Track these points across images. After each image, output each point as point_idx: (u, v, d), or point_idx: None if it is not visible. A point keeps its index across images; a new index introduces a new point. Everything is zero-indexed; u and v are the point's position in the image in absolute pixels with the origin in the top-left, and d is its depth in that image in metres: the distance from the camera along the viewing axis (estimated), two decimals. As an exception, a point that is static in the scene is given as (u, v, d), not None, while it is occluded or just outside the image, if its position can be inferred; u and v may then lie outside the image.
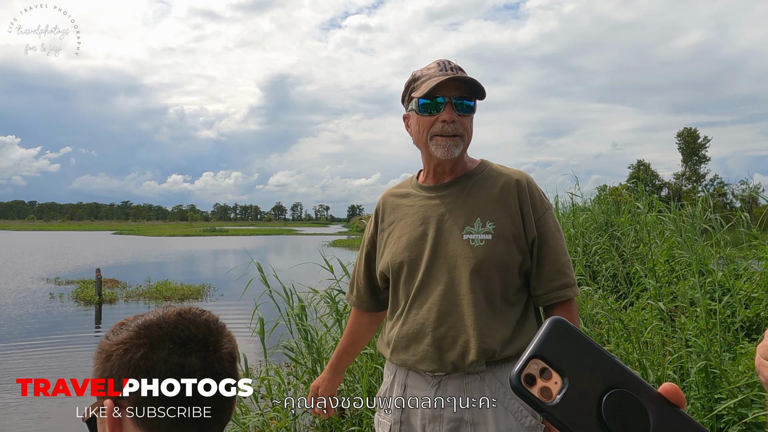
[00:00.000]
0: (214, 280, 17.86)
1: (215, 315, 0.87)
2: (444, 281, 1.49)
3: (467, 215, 1.51)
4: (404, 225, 1.60)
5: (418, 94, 1.50)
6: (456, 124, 1.49)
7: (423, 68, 1.56)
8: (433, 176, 1.61)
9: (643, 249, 5.62)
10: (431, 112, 1.50)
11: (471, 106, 1.52)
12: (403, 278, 1.57)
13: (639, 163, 49.50)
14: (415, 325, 1.52)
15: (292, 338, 4.39)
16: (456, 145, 1.50)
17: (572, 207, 7.48)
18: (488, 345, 1.45)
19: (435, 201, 1.57)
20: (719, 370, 2.87)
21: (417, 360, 1.51)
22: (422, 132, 1.53)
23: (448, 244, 1.51)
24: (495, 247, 1.48)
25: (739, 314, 4.01)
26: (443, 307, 1.49)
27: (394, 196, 1.69)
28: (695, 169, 50.16)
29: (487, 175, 1.57)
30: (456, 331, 1.47)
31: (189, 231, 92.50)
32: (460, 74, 1.50)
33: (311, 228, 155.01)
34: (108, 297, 14.44)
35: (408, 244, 1.56)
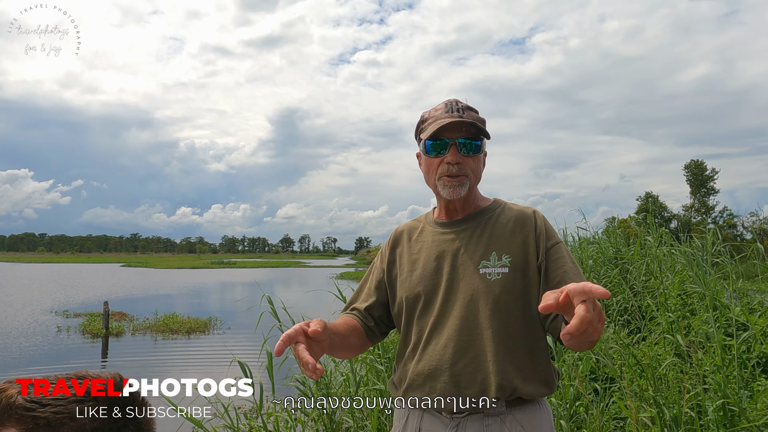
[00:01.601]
0: (221, 312, 17.81)
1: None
2: (460, 316, 1.47)
3: (483, 250, 1.51)
4: (418, 259, 1.59)
5: (425, 136, 1.54)
6: (461, 165, 1.52)
7: (432, 109, 1.59)
8: (446, 213, 1.62)
9: (654, 282, 5.56)
10: (437, 154, 1.53)
11: (478, 146, 1.53)
12: (418, 312, 1.54)
13: (647, 195, 49.33)
14: (431, 361, 1.48)
15: (300, 373, 4.34)
16: (461, 185, 1.52)
17: (580, 240, 7.45)
18: (508, 381, 1.42)
19: (449, 236, 1.58)
20: (738, 409, 2.80)
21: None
22: (430, 173, 1.57)
23: (464, 278, 1.49)
24: (512, 280, 1.47)
25: (755, 350, 3.94)
26: (460, 342, 1.46)
27: (408, 230, 1.69)
28: (704, 201, 49.89)
29: (500, 212, 1.59)
30: (474, 367, 1.44)
31: (197, 263, 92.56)
32: (466, 116, 1.52)
33: (319, 260, 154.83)
34: (115, 330, 14.39)
35: (422, 278, 1.55)
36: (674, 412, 2.90)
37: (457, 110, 1.53)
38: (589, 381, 4.04)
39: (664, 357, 3.68)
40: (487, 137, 1.56)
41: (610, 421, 3.48)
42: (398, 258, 1.65)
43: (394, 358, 1.68)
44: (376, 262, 1.74)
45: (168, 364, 10.62)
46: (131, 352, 11.96)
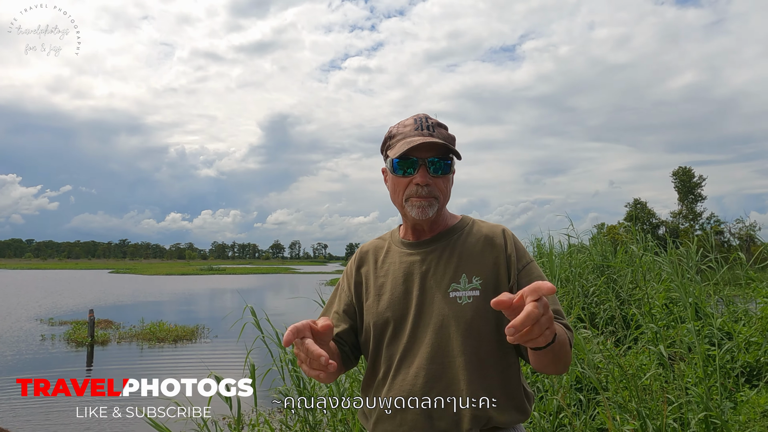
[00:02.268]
0: (209, 320, 17.66)
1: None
2: (431, 343, 1.40)
3: (452, 272, 1.45)
4: (385, 282, 1.51)
5: (393, 154, 1.46)
6: (431, 186, 1.44)
7: (400, 124, 1.51)
8: (413, 233, 1.55)
9: (640, 291, 5.57)
10: (405, 173, 1.45)
11: (448, 166, 1.46)
12: (387, 339, 1.47)
13: (636, 201, 49.75)
14: (402, 391, 1.41)
15: (284, 386, 4.29)
16: (430, 206, 1.45)
17: (569, 247, 7.45)
18: (483, 411, 1.37)
19: (417, 257, 1.51)
20: (720, 421, 2.79)
21: (405, 431, 1.40)
22: (397, 192, 1.49)
23: (434, 302, 1.43)
24: (484, 303, 1.40)
25: (739, 359, 3.94)
26: (432, 370, 1.39)
27: (375, 250, 1.61)
28: (691, 208, 50.36)
29: (468, 231, 1.53)
30: (446, 396, 1.38)
31: (186, 270, 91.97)
32: (436, 134, 1.45)
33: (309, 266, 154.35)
34: (101, 338, 14.22)
35: (390, 303, 1.47)
36: (657, 424, 2.89)
37: (426, 127, 1.46)
38: (574, 391, 4.02)
39: (648, 367, 3.67)
40: (458, 157, 1.48)
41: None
42: (364, 279, 1.57)
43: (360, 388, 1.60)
44: (342, 284, 1.64)
45: (153, 373, 10.50)
46: (116, 361, 11.81)
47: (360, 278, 1.59)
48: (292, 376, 4.23)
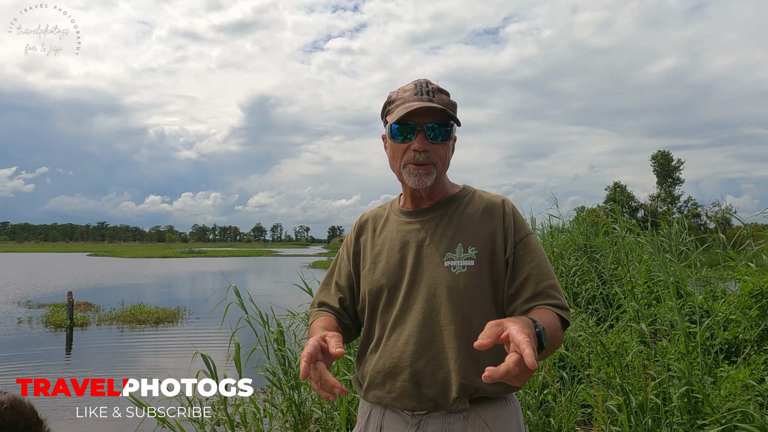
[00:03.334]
0: (190, 302, 17.53)
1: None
2: (422, 311, 1.40)
3: (448, 241, 1.44)
4: (382, 250, 1.51)
5: (392, 119, 1.43)
6: (428, 152, 1.41)
7: (400, 89, 1.49)
8: (411, 201, 1.53)
9: (622, 271, 5.64)
10: (404, 139, 1.43)
11: (447, 132, 1.43)
12: (381, 306, 1.47)
13: (615, 185, 50.32)
14: (392, 358, 1.41)
15: (269, 364, 4.27)
16: (428, 174, 1.42)
17: (551, 228, 7.50)
18: (471, 381, 1.36)
19: (414, 226, 1.49)
20: (701, 395, 2.84)
21: (394, 397, 1.40)
22: (396, 159, 1.47)
23: (428, 270, 1.42)
24: (478, 273, 1.39)
25: (718, 336, 4.01)
26: (422, 338, 1.39)
27: (373, 219, 1.61)
28: (670, 191, 51.11)
29: (468, 201, 1.51)
30: (435, 365, 1.37)
31: (166, 252, 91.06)
32: (435, 99, 1.42)
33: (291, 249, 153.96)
34: (80, 321, 14.04)
35: (386, 271, 1.47)
36: (640, 399, 2.93)
37: (426, 92, 1.43)
38: (558, 369, 4.07)
39: (630, 345, 3.72)
40: (458, 123, 1.45)
41: (578, 409, 3.51)
42: (362, 248, 1.58)
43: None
44: (341, 254, 1.65)
45: (135, 355, 10.40)
46: (96, 344, 11.68)
47: (359, 247, 1.60)
48: (277, 355, 4.22)
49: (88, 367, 9.21)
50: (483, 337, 1.01)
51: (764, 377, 3.07)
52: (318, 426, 3.84)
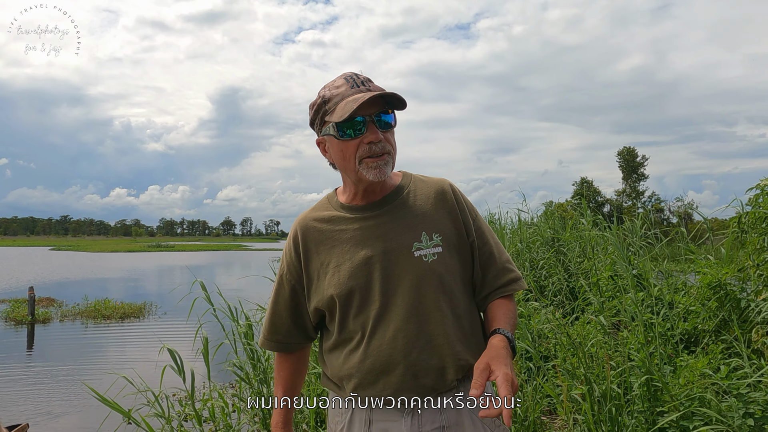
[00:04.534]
0: (158, 297, 17.22)
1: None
2: (404, 304, 1.39)
3: (411, 230, 1.43)
4: (341, 252, 1.46)
5: (337, 118, 1.36)
6: (383, 142, 1.38)
7: (330, 86, 1.42)
8: (363, 196, 1.48)
9: (588, 264, 5.76)
10: (352, 135, 1.37)
11: (390, 122, 1.41)
12: (354, 308, 1.43)
13: (583, 180, 51.20)
14: (381, 356, 1.40)
15: (237, 358, 4.23)
16: (386, 164, 1.40)
17: (519, 223, 7.61)
18: (465, 360, 1.41)
19: (371, 221, 1.46)
20: (661, 384, 2.92)
21: (391, 393, 1.39)
22: (348, 158, 1.40)
23: (400, 264, 1.41)
24: (448, 258, 1.43)
25: (678, 327, 4.14)
26: (410, 331, 1.39)
27: (317, 221, 1.52)
28: (635, 187, 52.26)
29: (415, 187, 1.52)
30: (428, 354, 1.39)
31: (132, 247, 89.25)
32: (372, 88, 1.40)
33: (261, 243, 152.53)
34: (42, 317, 13.66)
35: (352, 272, 1.42)
36: (603, 388, 3.00)
37: (361, 83, 1.39)
38: (525, 360, 4.14)
39: (594, 336, 3.81)
40: (403, 107, 1.40)
41: (543, 399, 3.58)
42: (314, 255, 1.50)
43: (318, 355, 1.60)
44: (284, 269, 1.56)
45: (100, 351, 10.18)
46: (59, 340, 11.39)
47: (309, 254, 1.51)
48: (245, 349, 4.18)
49: (50, 363, 8.98)
50: (475, 386, 1.14)
51: (721, 366, 3.18)
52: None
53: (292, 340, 1.59)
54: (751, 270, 3.98)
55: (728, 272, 4.05)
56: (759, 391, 2.84)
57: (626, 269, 4.10)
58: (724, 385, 2.95)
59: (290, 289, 1.55)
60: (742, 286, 3.99)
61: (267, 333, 1.62)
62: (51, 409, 6.54)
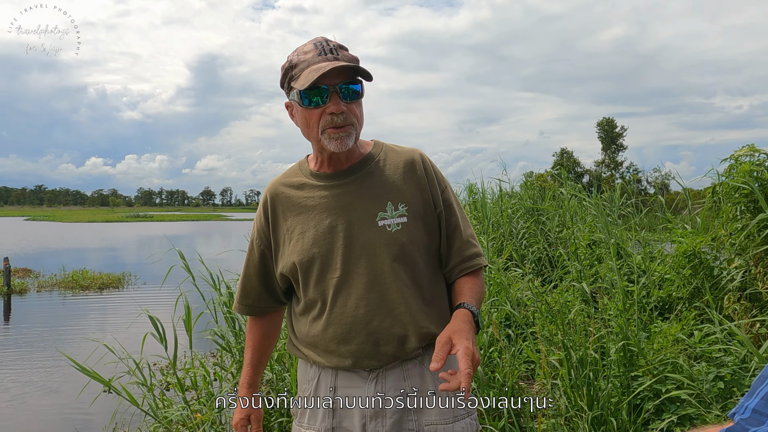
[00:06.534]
0: (137, 267, 17.08)
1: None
2: (366, 273, 1.41)
3: (377, 200, 1.44)
4: (306, 219, 1.47)
5: (300, 86, 1.35)
6: (346, 113, 1.37)
7: (299, 51, 1.40)
8: (329, 164, 1.49)
9: (567, 233, 5.83)
10: (317, 104, 1.36)
11: (358, 91, 1.39)
12: (315, 276, 1.45)
13: (563, 150, 51.57)
14: (343, 324, 1.42)
15: (218, 327, 4.23)
16: (348, 135, 1.39)
17: (500, 192, 7.65)
18: (427, 329, 1.43)
19: (337, 190, 1.46)
20: (636, 349, 3.00)
21: (353, 360, 1.42)
22: (311, 126, 1.40)
23: (363, 233, 1.42)
24: (413, 228, 1.43)
25: (654, 295, 4.23)
26: (371, 300, 1.41)
27: (287, 187, 1.53)
28: (613, 157, 52.80)
29: (385, 156, 1.51)
30: (389, 323, 1.41)
31: (110, 217, 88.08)
32: (341, 56, 1.37)
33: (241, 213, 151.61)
34: (18, 287, 13.48)
35: (316, 239, 1.44)
36: (580, 354, 3.07)
37: (330, 51, 1.37)
38: (504, 327, 4.21)
39: (573, 303, 3.88)
40: (369, 78, 1.38)
41: (521, 365, 3.65)
42: (282, 220, 1.51)
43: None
44: (255, 233, 1.58)
45: (79, 322, 10.11)
46: (37, 311, 11.27)
47: (277, 220, 1.53)
48: (226, 318, 4.18)
49: (29, 335, 8.90)
50: (436, 359, 1.17)
51: (693, 331, 3.27)
52: (269, 387, 3.86)
53: (262, 304, 1.63)
54: (724, 239, 4.06)
55: (703, 241, 4.13)
56: (730, 355, 2.93)
57: (607, 237, 4.16)
58: (698, 349, 3.04)
59: (260, 254, 1.57)
60: (715, 255, 4.07)
61: (239, 297, 1.65)
62: (30, 378, 6.51)
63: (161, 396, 4.04)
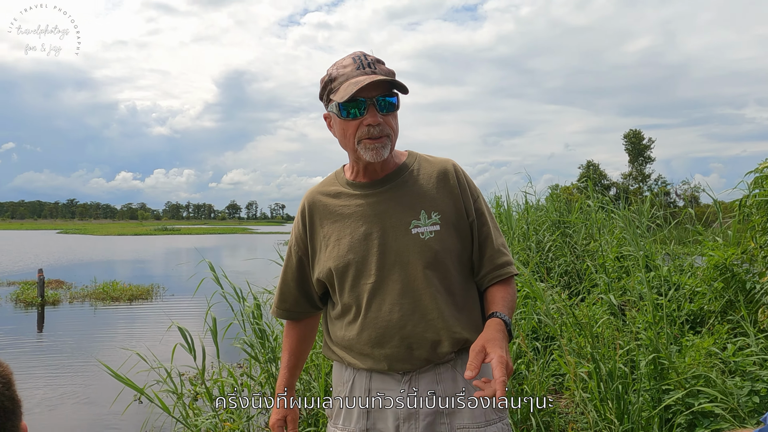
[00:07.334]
0: (164, 279, 17.36)
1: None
2: (400, 279, 1.45)
3: (411, 209, 1.48)
4: (343, 226, 1.52)
5: (338, 98, 1.40)
6: (382, 125, 1.42)
7: (338, 65, 1.46)
8: (365, 174, 1.53)
9: (594, 246, 5.77)
10: (354, 115, 1.41)
11: (394, 104, 1.44)
12: (350, 281, 1.49)
13: (589, 163, 50.90)
14: (377, 328, 1.46)
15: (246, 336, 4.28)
16: (384, 146, 1.43)
17: (526, 205, 7.61)
18: (459, 335, 1.46)
19: (373, 199, 1.51)
20: (668, 362, 2.95)
21: (387, 363, 1.46)
22: (348, 137, 1.45)
23: (397, 240, 1.46)
24: (446, 236, 1.47)
25: (684, 308, 4.16)
26: (405, 305, 1.45)
27: (324, 195, 1.58)
28: (641, 170, 51.91)
29: (419, 166, 1.55)
30: (423, 327, 1.44)
31: (139, 230, 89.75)
32: (378, 71, 1.42)
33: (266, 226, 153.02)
34: (51, 298, 13.81)
35: (351, 246, 1.49)
36: (609, 367, 3.03)
37: (368, 65, 1.42)
38: (531, 340, 4.18)
39: (600, 316, 3.83)
40: (405, 91, 1.44)
41: (549, 378, 3.61)
42: (319, 228, 1.56)
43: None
44: (293, 240, 1.64)
45: (109, 331, 10.31)
46: (69, 321, 11.53)
47: (314, 227, 1.58)
48: (254, 329, 4.23)
49: (62, 344, 9.11)
50: (470, 367, 1.19)
51: (728, 344, 3.20)
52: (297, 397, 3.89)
53: (299, 308, 1.68)
54: (755, 252, 3.98)
55: (734, 254, 4.05)
56: (765, 369, 2.87)
57: (635, 250, 4.11)
58: (731, 363, 2.98)
59: (297, 260, 1.63)
60: (747, 268, 3.99)
61: (277, 301, 1.70)
62: (61, 384, 6.65)
63: (191, 405, 4.10)
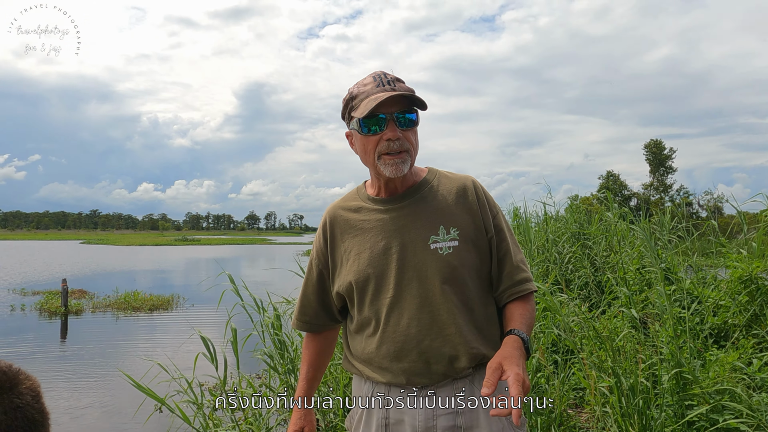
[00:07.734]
0: (185, 290, 17.53)
1: (7, 362, 0.99)
2: (418, 294, 1.47)
3: (429, 224, 1.50)
4: (363, 240, 1.54)
5: (359, 114, 1.44)
6: (401, 140, 1.45)
7: (359, 84, 1.51)
8: (385, 190, 1.56)
9: (614, 258, 5.70)
10: (375, 131, 1.45)
11: (413, 120, 1.47)
12: (370, 295, 1.51)
13: (608, 173, 50.35)
14: (395, 342, 1.48)
15: (265, 348, 4.31)
16: (404, 162, 1.46)
17: (545, 216, 7.56)
18: (477, 350, 1.46)
19: (393, 214, 1.53)
20: (691, 377, 2.90)
21: (405, 377, 1.48)
22: (369, 152, 1.49)
23: (416, 255, 1.48)
24: (464, 252, 1.48)
25: (708, 321, 4.08)
26: (423, 320, 1.46)
27: (345, 210, 1.61)
28: (662, 180, 51.22)
29: (438, 182, 1.58)
30: (440, 342, 1.45)
31: (160, 240, 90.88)
32: (398, 88, 1.46)
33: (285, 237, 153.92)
34: (74, 308, 14.03)
35: (371, 260, 1.51)
36: (631, 381, 2.99)
37: (387, 83, 1.46)
38: (550, 353, 4.14)
39: (621, 329, 3.78)
40: (424, 107, 1.47)
41: (570, 392, 3.57)
42: (340, 242, 1.59)
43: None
44: (314, 253, 1.67)
45: (130, 341, 10.43)
46: (92, 330, 11.69)
47: (335, 242, 1.60)
48: (273, 341, 4.26)
49: (84, 353, 9.25)
50: (487, 384, 1.19)
51: (752, 360, 3.14)
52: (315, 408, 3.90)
53: (319, 321, 1.70)
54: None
55: (759, 266, 3.98)
56: (792, 385, 2.81)
57: (655, 262, 4.06)
58: (757, 378, 2.92)
59: (318, 273, 1.65)
60: (774, 280, 3.91)
61: (297, 314, 1.73)
62: (83, 391, 6.75)
63: (210, 415, 4.13)
